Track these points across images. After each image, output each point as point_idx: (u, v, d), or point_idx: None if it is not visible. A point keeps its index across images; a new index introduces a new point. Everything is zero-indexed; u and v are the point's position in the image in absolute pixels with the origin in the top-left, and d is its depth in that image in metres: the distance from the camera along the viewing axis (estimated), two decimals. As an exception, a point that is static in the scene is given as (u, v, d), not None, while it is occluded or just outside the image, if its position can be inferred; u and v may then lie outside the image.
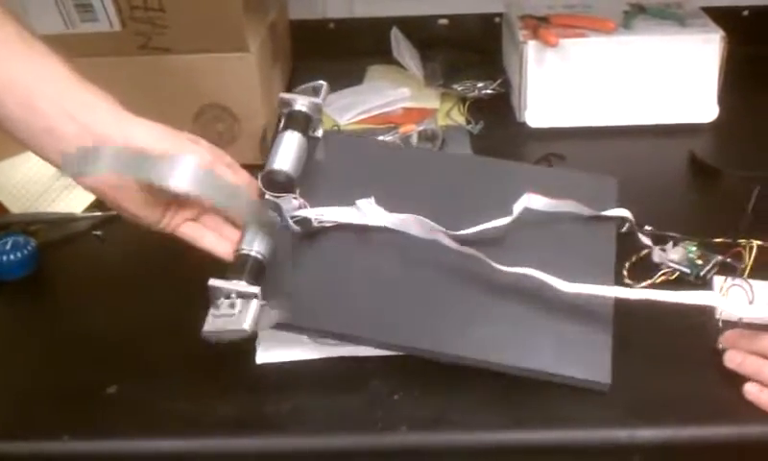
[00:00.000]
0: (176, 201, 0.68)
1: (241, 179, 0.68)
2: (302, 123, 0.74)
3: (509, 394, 0.64)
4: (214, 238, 0.69)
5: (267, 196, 0.70)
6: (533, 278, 0.65)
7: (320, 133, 0.76)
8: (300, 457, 0.62)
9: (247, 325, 0.61)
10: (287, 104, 0.75)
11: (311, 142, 0.75)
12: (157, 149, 0.62)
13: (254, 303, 0.62)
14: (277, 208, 0.69)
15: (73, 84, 0.63)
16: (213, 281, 0.63)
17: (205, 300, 0.67)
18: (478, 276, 0.68)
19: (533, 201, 0.71)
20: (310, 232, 0.71)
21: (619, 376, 0.64)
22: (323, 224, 0.71)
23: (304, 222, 0.70)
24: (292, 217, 0.70)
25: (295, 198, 0.70)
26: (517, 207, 0.70)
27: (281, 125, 0.75)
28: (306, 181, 0.72)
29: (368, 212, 0.71)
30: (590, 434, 0.61)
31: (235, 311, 0.62)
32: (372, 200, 0.71)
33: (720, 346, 0.66)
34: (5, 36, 0.63)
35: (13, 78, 0.62)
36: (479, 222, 0.69)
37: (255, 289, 0.63)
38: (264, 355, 0.68)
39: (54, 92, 0.62)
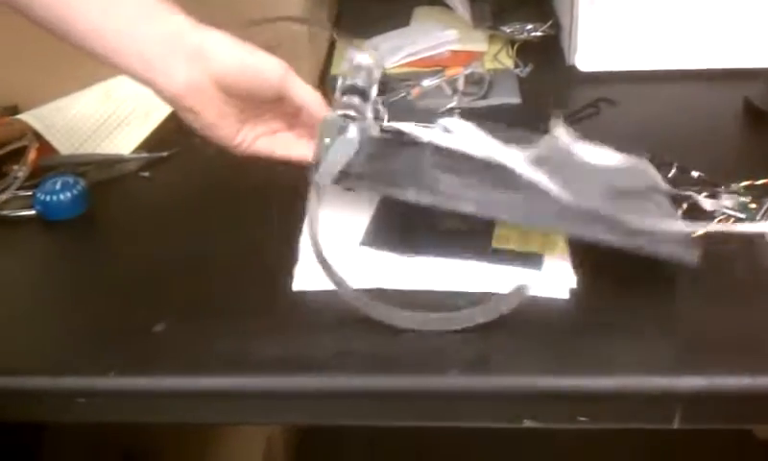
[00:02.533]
0: (252, 116, 0.68)
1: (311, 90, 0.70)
2: None
3: (553, 339, 0.63)
4: (291, 145, 0.71)
5: (345, 99, 0.71)
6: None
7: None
8: (344, 396, 0.63)
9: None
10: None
11: None
12: (237, 59, 0.65)
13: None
14: (361, 112, 0.70)
15: None
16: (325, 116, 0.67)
17: (253, 241, 0.68)
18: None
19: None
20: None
21: (669, 323, 0.64)
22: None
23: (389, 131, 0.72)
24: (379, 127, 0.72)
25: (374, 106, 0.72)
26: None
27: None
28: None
29: (456, 131, 0.72)
30: (634, 381, 0.60)
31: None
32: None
33: None
34: None
35: None
36: None
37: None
38: (301, 283, 0.69)
39: (128, 2, 0.64)
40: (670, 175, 0.76)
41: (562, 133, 0.74)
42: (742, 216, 0.73)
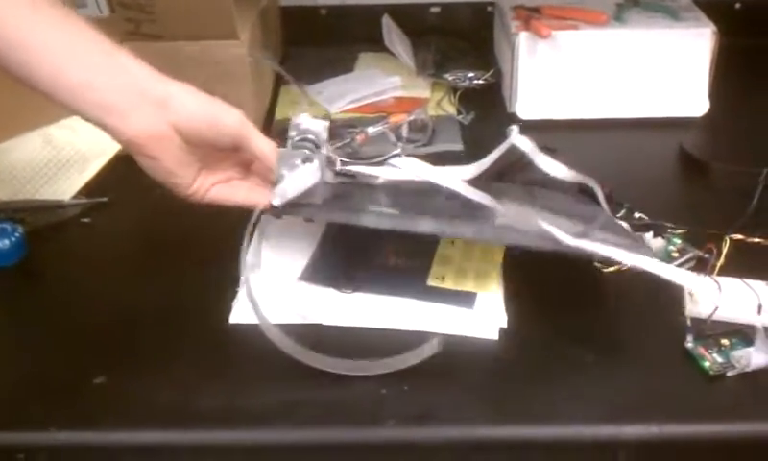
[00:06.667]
0: (208, 164, 0.69)
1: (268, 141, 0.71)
2: None
3: (494, 390, 0.64)
4: (247, 191, 0.71)
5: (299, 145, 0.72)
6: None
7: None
8: (286, 450, 0.62)
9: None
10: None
11: None
12: (197, 108, 0.66)
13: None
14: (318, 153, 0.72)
15: (110, 46, 0.64)
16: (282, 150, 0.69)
17: (194, 287, 0.67)
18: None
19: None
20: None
21: (602, 376, 0.65)
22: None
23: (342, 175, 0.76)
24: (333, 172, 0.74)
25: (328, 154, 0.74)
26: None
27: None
28: None
29: (404, 166, 0.76)
30: (576, 430, 0.61)
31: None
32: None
33: (689, 344, 0.66)
34: (39, 2, 0.63)
35: (50, 40, 0.62)
36: None
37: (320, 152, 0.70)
38: (238, 316, 0.70)
39: (92, 52, 0.64)
40: (619, 214, 0.79)
41: (521, 141, 0.77)
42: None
